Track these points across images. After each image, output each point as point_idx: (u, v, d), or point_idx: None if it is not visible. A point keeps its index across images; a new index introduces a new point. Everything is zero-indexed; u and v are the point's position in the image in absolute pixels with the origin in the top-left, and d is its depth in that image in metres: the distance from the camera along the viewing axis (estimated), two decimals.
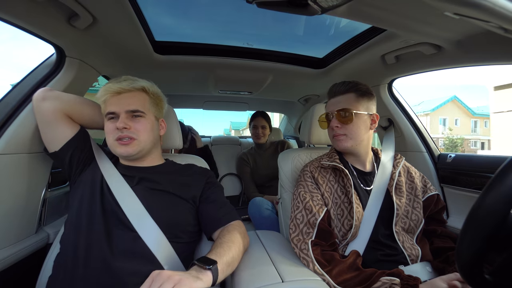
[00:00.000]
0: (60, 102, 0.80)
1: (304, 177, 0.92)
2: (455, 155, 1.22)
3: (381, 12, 0.66)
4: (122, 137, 0.75)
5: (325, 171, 0.92)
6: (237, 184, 2.23)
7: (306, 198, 0.85)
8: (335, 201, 0.86)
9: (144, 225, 0.70)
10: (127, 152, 0.77)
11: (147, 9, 0.95)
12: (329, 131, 0.95)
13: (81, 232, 0.69)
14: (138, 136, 0.77)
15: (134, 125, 0.77)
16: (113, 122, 0.76)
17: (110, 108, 0.77)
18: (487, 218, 0.40)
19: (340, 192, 0.87)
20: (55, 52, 0.93)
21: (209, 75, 1.57)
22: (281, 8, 0.55)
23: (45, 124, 0.80)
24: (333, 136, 0.92)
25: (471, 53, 0.87)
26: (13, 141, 0.81)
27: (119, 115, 0.76)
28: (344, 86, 0.92)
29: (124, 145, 0.76)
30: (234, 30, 1.32)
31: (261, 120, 2.00)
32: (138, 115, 0.78)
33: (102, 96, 0.79)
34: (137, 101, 0.79)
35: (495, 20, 0.38)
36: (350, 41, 1.17)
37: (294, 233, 0.83)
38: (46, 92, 0.80)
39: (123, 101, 0.77)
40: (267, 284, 0.66)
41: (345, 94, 0.91)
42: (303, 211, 0.83)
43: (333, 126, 0.90)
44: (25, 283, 0.84)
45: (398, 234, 0.83)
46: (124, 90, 0.78)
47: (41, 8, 0.72)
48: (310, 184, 0.89)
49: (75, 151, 0.81)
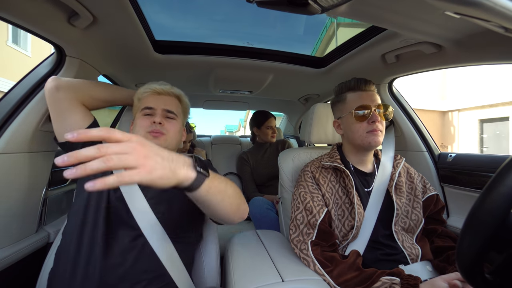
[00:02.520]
0: (74, 90, 0.82)
1: (304, 177, 0.91)
2: (455, 155, 1.22)
3: (381, 12, 0.66)
4: (156, 131, 0.81)
5: (326, 171, 0.91)
6: (237, 183, 2.23)
7: (307, 198, 0.84)
8: (336, 202, 0.86)
9: (148, 224, 0.70)
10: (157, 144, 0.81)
11: (147, 9, 0.95)
12: (362, 126, 0.85)
13: (86, 227, 0.69)
14: (167, 133, 0.83)
15: (167, 124, 0.84)
16: (148, 118, 0.82)
17: (149, 103, 0.84)
18: (488, 217, 0.40)
19: (341, 192, 0.87)
20: (55, 51, 0.93)
21: (209, 75, 1.57)
22: (281, 8, 0.55)
23: (60, 113, 0.81)
24: (371, 130, 0.84)
25: (472, 52, 0.87)
26: (13, 141, 0.81)
27: (155, 111, 0.83)
28: (371, 83, 0.90)
29: (154, 138, 0.81)
30: (234, 30, 1.33)
31: (274, 120, 2.09)
32: (171, 117, 0.86)
33: (142, 93, 0.86)
34: (173, 104, 0.87)
35: (496, 19, 0.38)
36: (350, 40, 1.17)
37: (294, 233, 0.83)
38: (58, 80, 0.81)
39: (161, 101, 0.85)
40: (267, 283, 0.66)
41: (374, 91, 0.90)
42: (303, 211, 0.83)
43: (377, 120, 0.84)
44: (26, 282, 0.84)
45: (397, 233, 0.83)
46: (164, 92, 0.87)
47: (41, 7, 0.72)
48: (311, 184, 0.88)
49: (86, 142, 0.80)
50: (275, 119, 2.11)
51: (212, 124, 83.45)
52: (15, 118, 0.83)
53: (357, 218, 0.80)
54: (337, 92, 0.96)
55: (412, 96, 6.94)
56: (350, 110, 0.87)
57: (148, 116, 0.83)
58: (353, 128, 0.87)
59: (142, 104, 0.85)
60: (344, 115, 0.91)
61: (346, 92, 0.91)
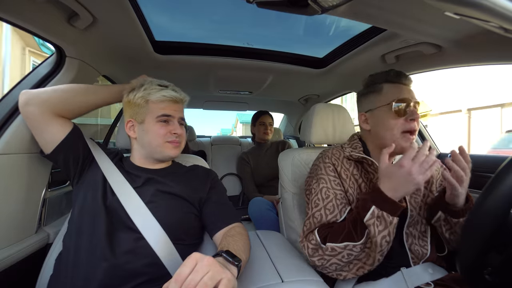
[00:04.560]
0: (45, 103, 0.76)
1: (326, 170, 0.81)
2: None
3: (381, 12, 0.66)
4: (176, 141, 0.82)
5: (349, 163, 0.82)
6: (237, 184, 2.23)
7: (329, 196, 0.77)
8: (358, 197, 0.79)
9: (148, 226, 0.70)
10: (176, 154, 0.83)
11: (147, 9, 0.95)
12: (398, 123, 0.75)
13: (84, 233, 0.68)
14: (182, 141, 0.85)
15: (180, 131, 0.83)
16: (165, 126, 0.81)
17: (167, 111, 0.81)
18: (487, 218, 0.40)
19: (363, 187, 0.80)
20: (55, 52, 0.93)
21: (209, 75, 1.57)
22: (281, 8, 0.55)
23: (35, 128, 0.78)
24: (408, 131, 0.75)
25: (471, 53, 0.87)
26: (13, 141, 0.81)
27: (173, 120, 0.82)
28: (410, 79, 0.81)
29: (175, 148, 0.82)
30: (234, 30, 1.33)
31: (268, 117, 2.09)
32: (182, 124, 0.86)
33: (159, 100, 0.80)
34: (183, 111, 0.88)
35: (496, 20, 0.38)
36: (350, 41, 1.17)
37: (308, 230, 0.77)
38: (26, 94, 0.76)
39: (178, 108, 0.84)
40: (267, 284, 0.66)
41: (410, 86, 0.80)
42: (323, 210, 0.77)
43: (416, 118, 0.74)
44: (25, 283, 0.84)
45: (408, 235, 0.79)
46: (181, 101, 0.85)
47: (41, 8, 0.72)
48: (333, 179, 0.80)
49: (68, 152, 0.79)
50: (271, 117, 2.11)
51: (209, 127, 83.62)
52: (15, 119, 0.82)
53: None
54: (369, 83, 0.85)
55: None
56: (388, 102, 0.76)
57: (165, 124, 0.80)
58: (387, 124, 0.76)
59: (157, 111, 0.79)
60: (377, 107, 0.79)
61: (382, 83, 0.80)
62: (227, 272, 0.49)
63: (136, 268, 0.64)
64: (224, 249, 0.60)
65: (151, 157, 0.84)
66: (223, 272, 0.48)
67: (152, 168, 0.84)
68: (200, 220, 0.82)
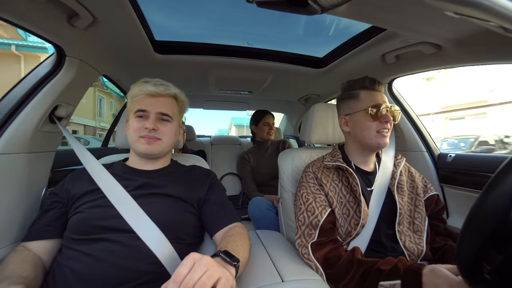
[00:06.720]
0: None
1: (306, 178, 0.91)
2: (455, 155, 1.22)
3: (381, 12, 0.66)
4: (149, 137, 0.79)
5: (329, 171, 0.91)
6: (237, 183, 2.23)
7: (309, 199, 0.85)
8: (340, 200, 0.86)
9: (144, 227, 0.70)
10: (150, 150, 0.80)
11: (147, 9, 0.95)
12: (373, 125, 0.85)
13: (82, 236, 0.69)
14: (163, 138, 0.81)
15: (162, 127, 0.81)
16: (141, 121, 0.79)
17: (142, 106, 0.79)
18: (487, 217, 0.40)
19: (344, 191, 0.87)
20: (55, 52, 0.93)
21: (209, 75, 1.57)
22: (281, 8, 0.55)
23: None
24: (381, 131, 0.85)
25: (471, 52, 0.87)
26: (13, 141, 0.81)
27: (149, 115, 0.79)
28: (382, 84, 0.90)
29: (148, 143, 0.79)
30: (234, 30, 1.33)
31: (272, 117, 2.10)
32: (166, 119, 0.82)
33: (136, 95, 0.81)
34: (168, 107, 0.83)
35: (496, 19, 0.38)
36: (350, 40, 1.17)
37: (296, 235, 0.84)
38: None
39: (156, 103, 0.80)
40: (267, 283, 0.66)
41: (383, 92, 0.89)
42: (305, 212, 0.83)
43: (389, 121, 0.84)
44: None
45: (400, 233, 0.83)
46: (158, 94, 0.81)
47: (41, 7, 0.72)
48: (313, 185, 0.88)
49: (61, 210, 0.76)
50: (273, 117, 2.11)
51: (209, 127, 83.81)
52: (15, 118, 0.82)
53: (362, 216, 0.80)
54: (347, 89, 0.94)
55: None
56: (364, 108, 0.86)
57: (141, 119, 0.79)
58: (365, 126, 0.86)
59: (135, 106, 0.81)
60: (355, 111, 0.89)
61: (359, 89, 0.89)
62: (225, 271, 0.49)
63: (136, 268, 0.64)
64: (222, 249, 0.60)
65: (136, 155, 0.84)
66: (221, 271, 0.49)
67: (148, 170, 0.84)
68: (200, 219, 0.82)
